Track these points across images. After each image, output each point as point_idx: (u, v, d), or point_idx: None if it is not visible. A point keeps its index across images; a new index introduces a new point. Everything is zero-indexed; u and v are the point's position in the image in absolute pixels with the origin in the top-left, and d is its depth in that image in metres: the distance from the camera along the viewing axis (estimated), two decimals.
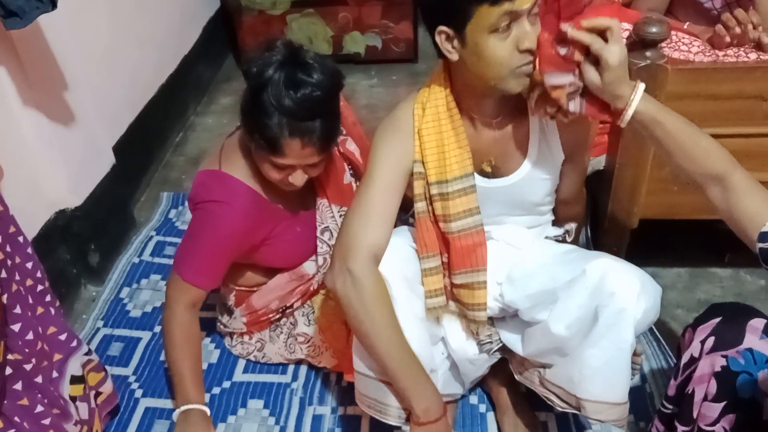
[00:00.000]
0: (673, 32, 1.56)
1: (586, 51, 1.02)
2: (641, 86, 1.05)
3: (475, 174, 1.21)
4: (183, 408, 1.39)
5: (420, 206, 1.22)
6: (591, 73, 1.02)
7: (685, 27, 1.70)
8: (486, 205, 1.23)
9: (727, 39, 1.53)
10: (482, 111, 1.19)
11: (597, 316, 1.13)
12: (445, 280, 1.27)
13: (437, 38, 1.08)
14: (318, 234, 1.50)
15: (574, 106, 1.07)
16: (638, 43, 1.41)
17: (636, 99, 1.04)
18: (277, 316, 1.57)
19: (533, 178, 1.25)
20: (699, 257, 1.85)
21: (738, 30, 1.51)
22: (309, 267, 1.54)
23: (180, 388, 1.40)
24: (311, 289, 1.54)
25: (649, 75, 1.41)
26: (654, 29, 1.37)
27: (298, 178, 1.33)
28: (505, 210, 1.30)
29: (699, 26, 1.70)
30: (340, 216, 1.52)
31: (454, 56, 1.08)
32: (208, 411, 1.42)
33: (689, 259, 1.85)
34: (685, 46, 1.61)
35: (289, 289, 1.53)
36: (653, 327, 1.63)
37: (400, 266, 1.20)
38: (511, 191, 1.26)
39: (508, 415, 1.43)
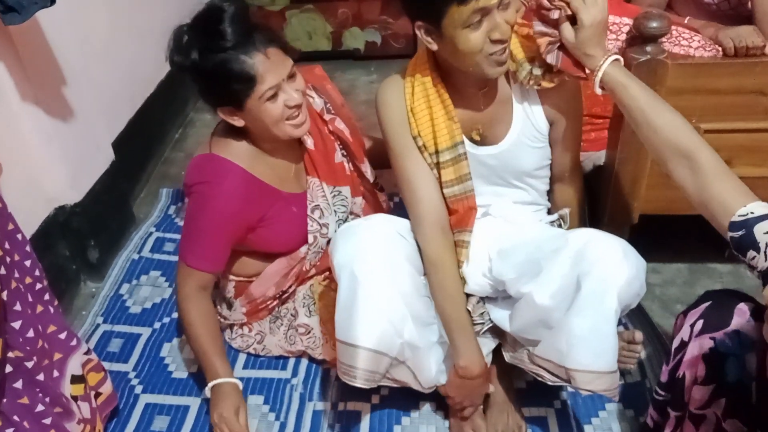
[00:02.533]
0: (673, 27, 1.56)
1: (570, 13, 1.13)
2: (614, 55, 1.14)
3: (466, 140, 1.30)
4: (213, 383, 1.40)
5: (434, 172, 1.33)
6: (567, 30, 1.13)
7: (686, 22, 1.69)
8: (479, 171, 1.32)
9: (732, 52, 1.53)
10: (467, 85, 1.26)
11: (580, 284, 1.15)
12: None
13: (417, 31, 1.17)
14: (308, 212, 1.51)
15: (552, 58, 1.18)
16: (638, 38, 1.40)
17: (606, 63, 1.13)
18: (275, 303, 1.57)
19: (521, 146, 1.31)
20: (699, 253, 1.85)
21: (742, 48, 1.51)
22: (301, 247, 1.55)
23: (206, 365, 1.42)
24: (304, 269, 1.54)
25: (649, 70, 1.41)
26: (654, 24, 1.37)
27: (293, 96, 1.34)
28: (498, 180, 1.36)
29: (699, 21, 1.69)
30: (333, 196, 1.53)
31: (433, 47, 1.19)
32: (239, 383, 1.44)
33: (689, 254, 1.85)
34: (685, 41, 1.60)
35: (284, 273, 1.54)
36: (652, 321, 1.64)
37: (401, 246, 1.29)
38: (502, 158, 1.32)
39: (491, 411, 1.44)
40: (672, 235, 1.83)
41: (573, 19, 1.14)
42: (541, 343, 1.25)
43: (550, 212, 1.46)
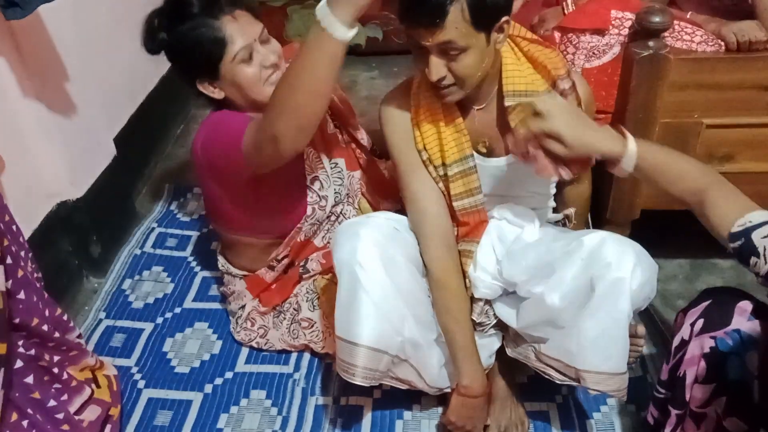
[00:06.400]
0: (675, 22, 1.56)
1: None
2: (630, 140, 1.08)
3: (474, 152, 1.29)
4: None
5: (440, 185, 1.33)
6: (556, 148, 1.08)
7: (688, 17, 1.69)
8: (484, 181, 1.31)
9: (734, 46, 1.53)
10: (467, 97, 1.24)
11: (593, 286, 1.16)
12: None
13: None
14: (308, 183, 1.49)
15: (566, 173, 1.13)
16: (641, 33, 1.41)
17: (631, 151, 1.08)
18: (280, 271, 1.55)
19: None
20: (700, 248, 1.84)
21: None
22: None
23: None
24: (298, 240, 1.51)
25: (651, 65, 1.41)
26: (657, 19, 1.37)
27: (268, 57, 1.35)
28: (503, 189, 1.35)
29: (702, 16, 1.69)
30: (332, 167, 1.53)
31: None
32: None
33: (690, 250, 1.85)
34: (687, 36, 1.60)
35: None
36: (655, 317, 1.64)
37: (402, 244, 1.29)
38: (509, 170, 1.32)
39: (494, 407, 1.44)
40: (673, 230, 1.83)
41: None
42: (549, 341, 1.25)
43: (554, 211, 1.46)
